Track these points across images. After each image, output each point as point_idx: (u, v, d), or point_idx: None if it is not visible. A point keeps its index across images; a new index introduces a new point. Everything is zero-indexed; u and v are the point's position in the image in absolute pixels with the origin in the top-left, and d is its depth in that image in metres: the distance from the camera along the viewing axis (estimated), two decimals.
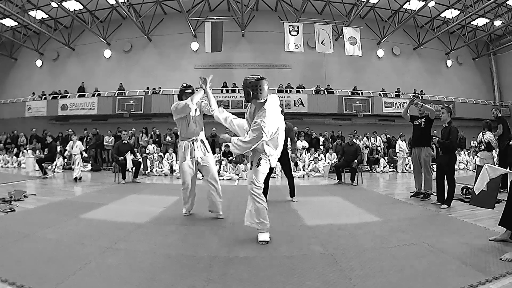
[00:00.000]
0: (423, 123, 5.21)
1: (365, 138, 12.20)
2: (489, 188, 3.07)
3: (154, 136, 11.96)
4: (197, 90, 3.79)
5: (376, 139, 12.44)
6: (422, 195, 5.21)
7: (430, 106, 5.50)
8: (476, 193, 3.18)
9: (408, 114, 5.53)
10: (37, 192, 5.87)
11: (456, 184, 4.60)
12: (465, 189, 5.31)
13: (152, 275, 2.21)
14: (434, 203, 4.76)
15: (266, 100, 2.90)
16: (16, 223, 3.59)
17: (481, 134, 6.22)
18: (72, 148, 8.66)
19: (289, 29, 14.46)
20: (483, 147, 6.08)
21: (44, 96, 15.82)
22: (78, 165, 8.23)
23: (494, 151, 6.24)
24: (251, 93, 2.87)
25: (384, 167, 11.24)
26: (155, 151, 10.77)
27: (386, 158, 11.73)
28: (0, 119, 15.73)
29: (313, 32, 14.60)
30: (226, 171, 8.98)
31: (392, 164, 11.39)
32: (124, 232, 3.23)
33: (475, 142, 12.63)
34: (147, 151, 10.75)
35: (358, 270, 2.29)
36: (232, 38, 15.60)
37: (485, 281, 2.08)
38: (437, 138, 4.77)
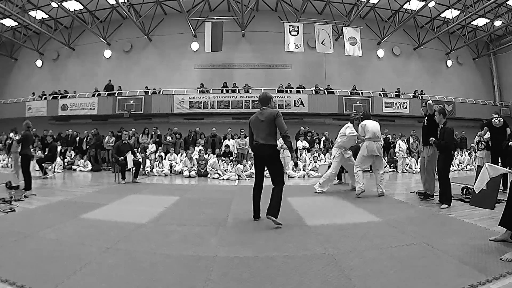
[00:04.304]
0: (425, 121, 5.24)
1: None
2: (489, 188, 3.07)
3: (154, 136, 11.97)
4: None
5: None
6: (422, 195, 5.20)
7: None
8: (476, 193, 3.18)
9: (422, 113, 5.67)
10: (37, 192, 5.87)
11: (451, 183, 4.62)
12: (465, 189, 5.30)
13: (152, 275, 2.22)
14: (436, 203, 4.76)
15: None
16: (16, 223, 3.59)
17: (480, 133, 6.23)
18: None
19: (289, 29, 14.46)
20: (482, 146, 6.08)
21: (44, 96, 15.82)
22: (16, 169, 6.33)
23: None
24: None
25: (384, 167, 11.22)
26: (155, 151, 10.78)
27: (386, 158, 11.71)
28: (0, 119, 15.73)
29: (313, 32, 14.60)
30: (226, 171, 8.97)
31: (392, 164, 11.39)
32: (124, 232, 3.23)
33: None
34: (147, 151, 10.76)
35: (358, 270, 2.29)
36: (232, 38, 15.60)
37: (485, 281, 2.08)
38: (433, 139, 4.79)
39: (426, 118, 5.25)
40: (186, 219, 3.92)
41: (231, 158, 9.73)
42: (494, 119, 6.23)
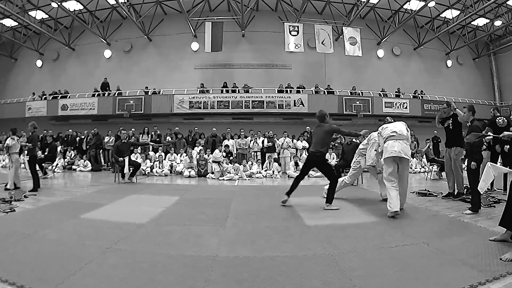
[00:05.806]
0: (450, 124, 5.17)
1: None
2: None
3: (154, 136, 11.96)
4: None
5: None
6: (453, 196, 5.18)
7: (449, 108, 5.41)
8: (481, 193, 3.17)
9: (439, 120, 5.54)
10: (37, 192, 5.87)
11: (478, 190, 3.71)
12: (465, 189, 5.29)
13: (152, 275, 2.22)
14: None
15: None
16: (16, 223, 3.59)
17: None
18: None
19: (289, 29, 14.46)
20: (484, 146, 6.06)
21: (44, 96, 15.82)
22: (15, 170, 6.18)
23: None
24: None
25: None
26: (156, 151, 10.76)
27: None
28: (0, 119, 15.73)
29: (313, 32, 14.59)
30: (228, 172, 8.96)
31: None
32: (124, 232, 3.23)
33: None
34: (147, 151, 10.74)
35: (358, 270, 2.29)
36: (232, 38, 15.59)
37: (485, 281, 2.08)
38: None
39: (450, 120, 5.18)
40: (186, 219, 3.92)
41: (231, 158, 9.73)
42: (498, 119, 6.10)
